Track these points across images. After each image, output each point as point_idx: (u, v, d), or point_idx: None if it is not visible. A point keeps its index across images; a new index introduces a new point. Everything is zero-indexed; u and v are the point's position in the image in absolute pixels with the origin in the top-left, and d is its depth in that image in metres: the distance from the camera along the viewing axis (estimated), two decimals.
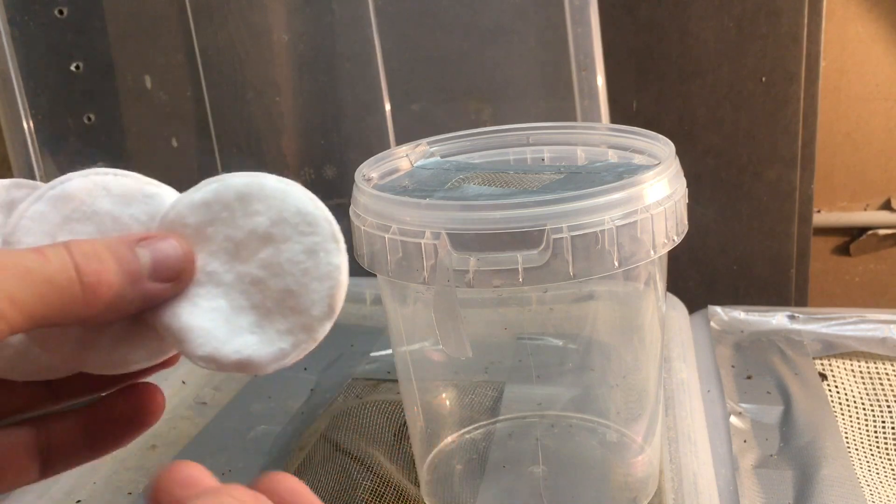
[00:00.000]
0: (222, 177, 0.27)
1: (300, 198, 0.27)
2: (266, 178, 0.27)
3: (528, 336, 0.54)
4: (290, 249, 0.27)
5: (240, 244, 0.27)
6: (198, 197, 0.27)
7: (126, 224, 0.27)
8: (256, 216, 0.27)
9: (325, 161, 0.72)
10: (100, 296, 0.24)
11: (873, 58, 0.88)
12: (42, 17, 0.69)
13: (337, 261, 0.27)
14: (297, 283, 0.26)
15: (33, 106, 0.70)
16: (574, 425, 0.52)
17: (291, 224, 0.27)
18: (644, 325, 0.48)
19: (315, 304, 0.26)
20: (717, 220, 0.79)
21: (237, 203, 0.27)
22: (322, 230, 0.27)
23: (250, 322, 0.27)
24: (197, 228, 0.27)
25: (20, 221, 0.27)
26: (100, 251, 0.25)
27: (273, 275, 0.27)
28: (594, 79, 0.66)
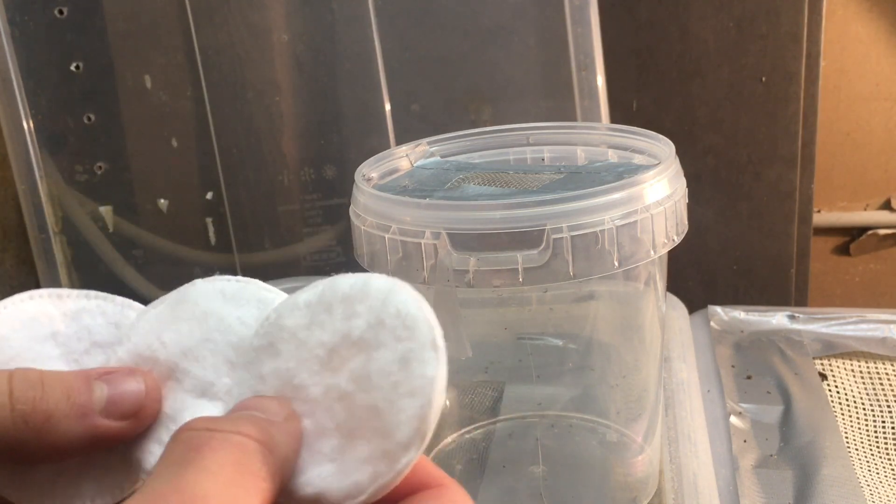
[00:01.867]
0: (334, 277, 0.24)
1: (403, 298, 0.23)
2: (375, 277, 0.24)
3: (528, 336, 0.54)
4: (381, 358, 0.22)
5: (332, 351, 0.23)
6: (302, 299, 0.24)
7: (230, 325, 0.25)
8: (355, 319, 0.23)
9: (325, 161, 0.72)
10: (34, 426, 0.22)
11: (873, 57, 0.88)
12: (42, 17, 0.69)
13: (431, 372, 0.22)
14: (385, 400, 0.22)
15: (33, 106, 0.70)
16: (574, 425, 0.52)
17: (388, 328, 0.23)
18: (644, 325, 0.48)
19: (400, 425, 0.22)
20: (717, 220, 0.79)
21: (340, 305, 0.23)
22: (420, 335, 0.22)
23: (332, 447, 0.23)
24: (293, 332, 0.24)
25: (137, 323, 0.25)
26: (47, 380, 0.23)
27: (361, 389, 0.22)
28: (594, 79, 0.66)
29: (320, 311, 0.23)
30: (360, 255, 0.42)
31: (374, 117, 0.70)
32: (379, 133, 0.70)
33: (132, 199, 0.73)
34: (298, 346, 0.23)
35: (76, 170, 0.72)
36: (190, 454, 0.20)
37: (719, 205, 0.78)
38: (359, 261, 0.43)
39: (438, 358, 0.22)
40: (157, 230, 0.73)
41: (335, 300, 0.23)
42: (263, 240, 0.73)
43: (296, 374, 0.23)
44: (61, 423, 0.22)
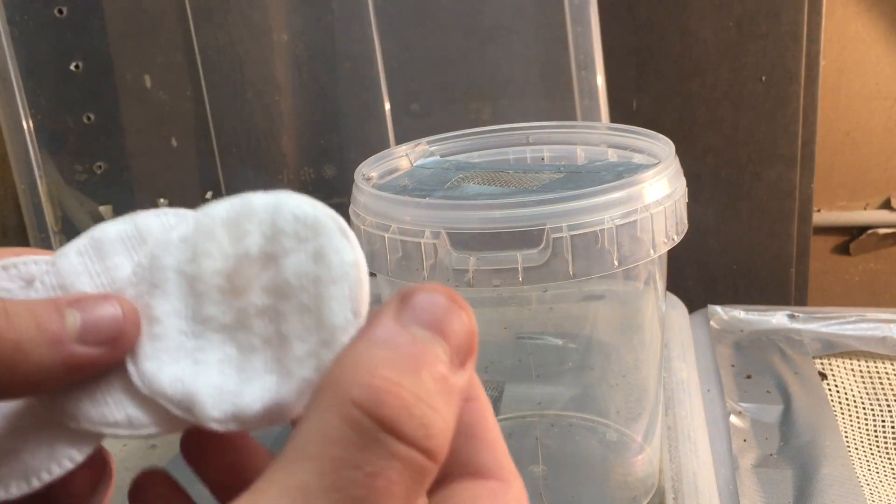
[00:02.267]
0: (205, 207, 0.23)
1: (294, 202, 0.23)
2: (253, 195, 0.23)
3: (528, 335, 0.54)
4: (293, 263, 0.22)
5: (233, 275, 0.23)
6: (175, 234, 0.23)
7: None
8: (247, 238, 0.23)
9: (324, 161, 0.72)
10: (3, 357, 0.20)
11: (873, 57, 0.88)
12: (42, 17, 0.69)
13: (350, 257, 0.22)
14: (311, 296, 0.22)
15: (33, 105, 0.70)
16: (574, 425, 0.52)
17: (289, 233, 0.22)
18: (644, 325, 0.48)
19: (334, 312, 0.22)
20: (716, 219, 0.79)
21: (222, 230, 0.23)
22: (326, 229, 0.22)
23: (266, 360, 0.22)
24: (177, 270, 0.23)
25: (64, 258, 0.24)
26: (11, 308, 0.21)
27: (281, 297, 0.22)
28: (594, 78, 0.66)
29: (202, 241, 0.23)
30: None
31: (374, 117, 0.70)
32: (379, 133, 0.70)
33: (132, 199, 0.73)
34: (190, 281, 0.23)
35: (76, 169, 0.72)
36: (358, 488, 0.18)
37: (719, 204, 0.78)
38: None
39: (352, 244, 0.22)
40: None
41: (215, 227, 0.23)
42: None
43: (201, 310, 0.23)
44: (33, 353, 0.21)
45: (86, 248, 0.24)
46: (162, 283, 0.23)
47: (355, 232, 0.42)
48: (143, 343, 0.23)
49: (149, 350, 0.23)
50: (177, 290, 0.23)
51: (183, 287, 0.23)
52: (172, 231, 0.23)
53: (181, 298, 0.23)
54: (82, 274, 0.23)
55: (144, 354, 0.23)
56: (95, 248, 0.24)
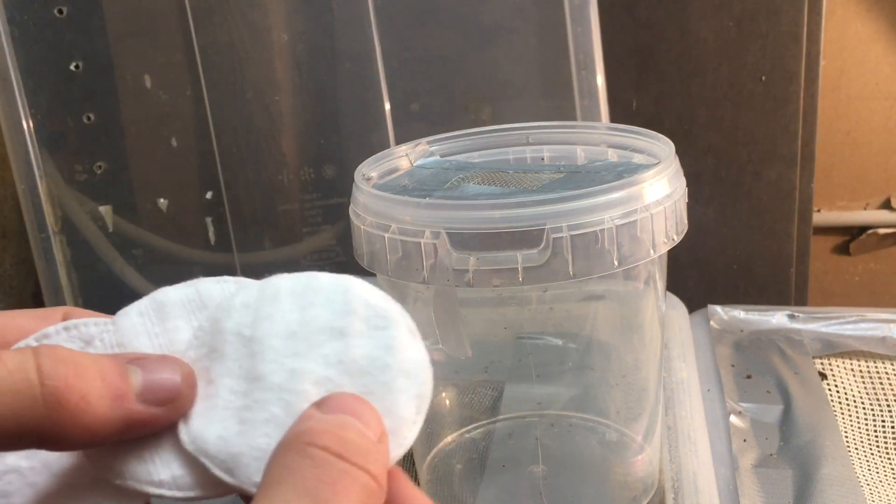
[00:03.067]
0: (268, 279, 0.24)
1: (366, 289, 0.24)
2: (320, 273, 0.24)
3: (528, 335, 0.54)
4: (364, 344, 0.23)
5: (293, 338, 0.23)
6: (237, 300, 0.24)
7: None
8: (312, 308, 0.23)
9: (324, 161, 0.72)
10: (68, 406, 0.20)
11: (873, 57, 0.88)
12: (42, 17, 0.69)
13: (421, 356, 0.23)
14: (377, 383, 0.23)
15: (33, 105, 0.70)
16: (574, 425, 0.52)
17: (362, 317, 0.23)
18: (644, 325, 0.48)
19: (402, 405, 0.23)
20: (716, 219, 0.79)
21: (287, 298, 0.24)
22: (398, 323, 0.23)
23: None
24: (236, 333, 0.23)
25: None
26: (79, 359, 0.21)
27: (343, 373, 0.23)
28: (594, 78, 0.66)
29: (264, 306, 0.23)
30: (359, 254, 0.42)
31: (373, 117, 0.70)
32: (379, 132, 0.70)
33: (132, 199, 0.73)
34: (247, 342, 0.23)
35: (76, 169, 0.72)
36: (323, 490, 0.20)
37: (719, 204, 0.78)
38: (358, 260, 0.43)
39: (419, 343, 0.24)
40: (156, 230, 0.73)
41: (279, 294, 0.24)
42: (263, 239, 0.73)
43: (251, 369, 0.23)
44: (97, 405, 0.21)
45: (147, 309, 0.24)
46: (220, 345, 0.23)
47: (355, 232, 0.42)
48: (197, 403, 0.23)
49: (199, 409, 0.23)
50: (233, 353, 0.23)
51: (239, 349, 0.23)
52: (235, 297, 0.24)
53: (236, 360, 0.23)
54: (141, 334, 0.24)
55: (195, 413, 0.23)
56: (156, 310, 0.24)
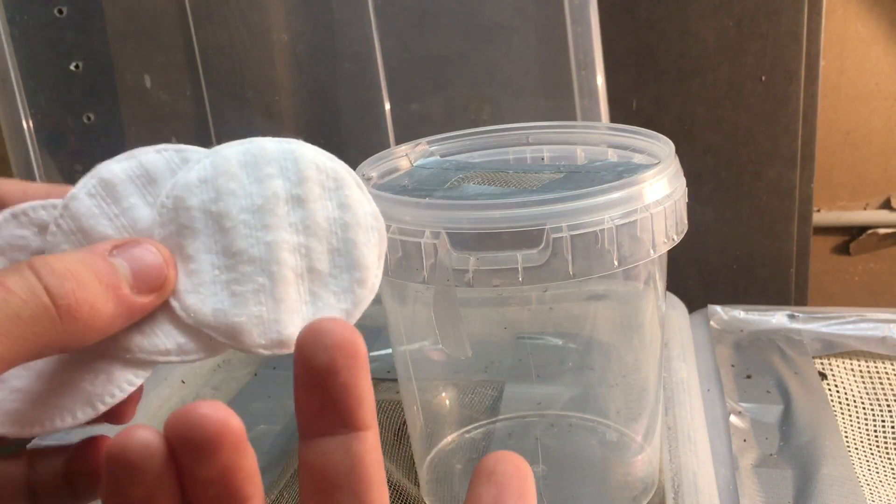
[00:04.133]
0: (212, 150, 0.25)
1: (313, 154, 0.26)
2: (263, 140, 0.26)
3: (528, 335, 0.54)
4: (322, 207, 0.25)
5: (261, 212, 0.25)
6: (193, 175, 0.24)
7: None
8: (270, 180, 0.25)
9: None
10: (81, 318, 0.21)
11: (873, 57, 0.88)
12: (42, 17, 0.69)
13: (371, 209, 0.26)
14: (340, 240, 0.25)
15: (33, 105, 0.70)
16: (574, 425, 0.52)
17: (315, 181, 0.25)
18: (644, 325, 0.48)
19: (364, 255, 0.25)
20: (716, 219, 0.79)
21: (242, 171, 0.25)
22: (347, 182, 0.26)
23: (301, 292, 0.25)
24: (203, 210, 0.24)
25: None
26: (73, 267, 0.21)
27: (312, 237, 0.25)
28: (594, 78, 0.66)
29: (224, 182, 0.24)
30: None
31: (373, 117, 0.70)
32: (379, 132, 0.70)
33: None
34: (217, 218, 0.24)
35: (76, 169, 0.72)
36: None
37: (719, 204, 0.78)
38: None
39: (368, 196, 0.26)
40: None
41: (233, 168, 0.25)
42: None
43: (229, 245, 0.24)
44: (104, 309, 0.22)
45: (96, 189, 0.25)
46: (190, 222, 0.24)
47: None
48: (181, 279, 0.24)
49: (188, 286, 0.24)
50: (205, 229, 0.24)
51: (210, 225, 0.24)
52: (190, 172, 0.25)
53: (210, 236, 0.24)
54: (100, 217, 0.24)
55: (185, 290, 0.24)
56: (106, 189, 0.25)
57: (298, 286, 0.25)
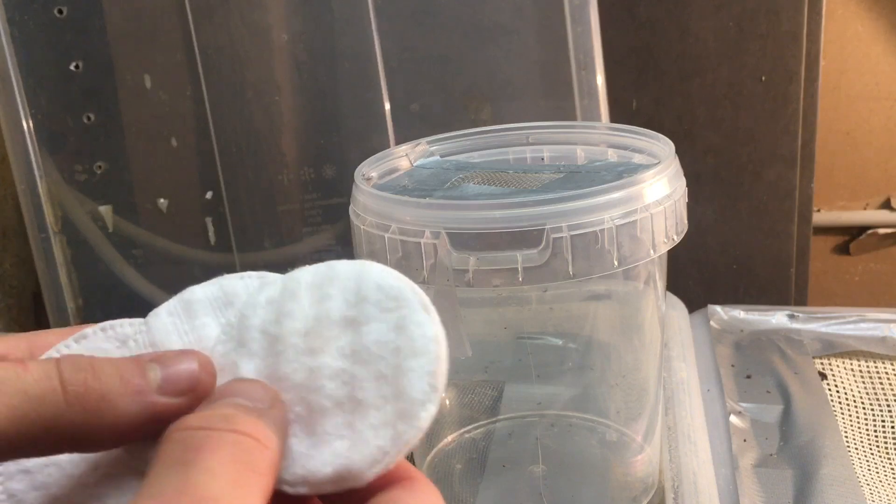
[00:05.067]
0: (292, 272, 0.25)
1: (378, 272, 0.24)
2: (337, 262, 0.24)
3: (528, 335, 0.54)
4: (373, 330, 0.23)
5: (310, 335, 0.23)
6: (263, 296, 0.24)
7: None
8: (328, 301, 0.24)
9: (324, 160, 0.72)
10: (91, 407, 0.21)
11: (873, 57, 0.88)
12: (41, 17, 0.69)
13: (431, 332, 0.23)
14: (389, 366, 0.23)
15: (33, 105, 0.70)
16: (574, 424, 0.52)
17: (372, 302, 0.23)
18: (644, 325, 0.48)
19: (413, 384, 0.23)
20: (716, 219, 0.79)
21: (305, 293, 0.24)
22: (409, 301, 0.23)
23: (337, 424, 0.23)
24: (261, 330, 0.24)
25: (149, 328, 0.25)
26: (97, 364, 0.22)
27: (357, 362, 0.23)
28: (594, 78, 0.66)
29: (286, 302, 0.24)
30: (359, 254, 0.42)
31: (373, 117, 0.70)
32: (379, 133, 0.70)
33: (132, 199, 0.73)
34: (272, 341, 0.24)
35: (76, 169, 0.72)
36: (189, 455, 0.20)
37: (719, 204, 0.78)
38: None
39: (433, 319, 0.23)
40: (156, 230, 0.73)
41: (299, 289, 0.24)
42: (263, 239, 0.73)
43: (276, 368, 0.23)
44: (117, 403, 0.22)
45: (175, 308, 0.25)
46: (248, 342, 0.24)
47: (355, 232, 0.42)
48: None
49: None
50: (261, 350, 0.24)
51: (266, 347, 0.24)
52: (261, 293, 0.24)
53: (263, 359, 0.24)
54: (172, 333, 0.25)
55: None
56: (185, 309, 0.25)
57: (335, 417, 0.23)
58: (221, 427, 0.21)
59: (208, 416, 0.22)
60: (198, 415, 0.22)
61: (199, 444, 0.20)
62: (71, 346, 0.25)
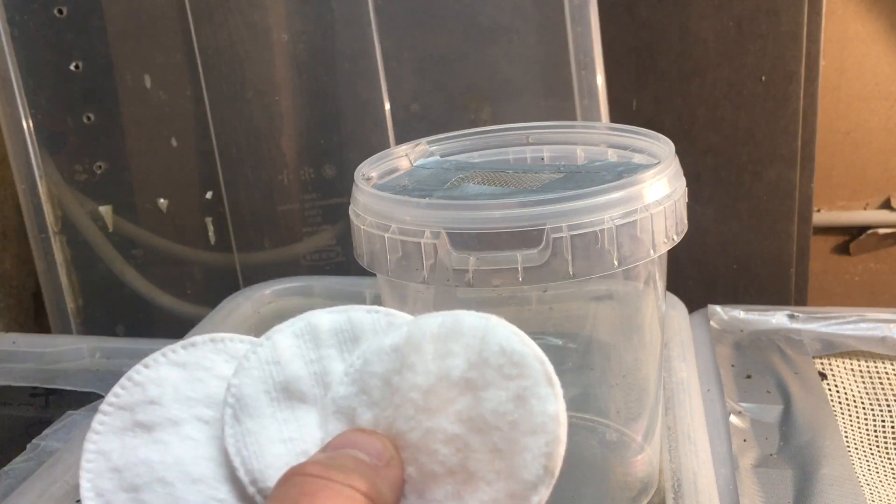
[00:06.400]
0: (418, 318, 0.24)
1: (504, 334, 0.23)
2: (464, 314, 0.23)
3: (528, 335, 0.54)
4: (493, 397, 0.22)
5: (429, 393, 0.23)
6: (388, 341, 0.23)
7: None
8: (451, 358, 0.23)
9: (324, 160, 0.72)
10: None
11: (873, 57, 0.88)
12: (41, 17, 0.69)
13: (552, 409, 0.22)
14: (504, 440, 0.22)
15: (33, 105, 0.70)
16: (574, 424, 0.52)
17: (494, 366, 0.22)
18: (644, 325, 0.48)
19: (527, 465, 0.21)
20: (716, 219, 0.79)
21: (430, 345, 0.23)
22: (532, 371, 0.22)
23: (447, 493, 0.22)
24: (384, 378, 0.23)
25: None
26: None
27: (472, 430, 0.22)
28: (594, 78, 0.66)
29: (410, 353, 0.23)
30: (359, 254, 0.42)
31: (373, 117, 0.70)
32: (378, 132, 0.70)
33: (132, 199, 0.73)
34: (392, 392, 0.23)
35: (76, 169, 0.72)
36: (304, 500, 0.20)
37: (719, 204, 0.78)
38: (358, 260, 0.43)
39: (556, 393, 0.22)
40: (156, 230, 0.73)
41: (424, 340, 0.23)
42: (263, 239, 0.73)
43: (393, 423, 0.23)
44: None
45: (303, 331, 0.25)
46: (369, 389, 0.23)
47: (355, 232, 0.42)
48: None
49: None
50: (380, 400, 0.23)
51: (387, 397, 0.23)
52: (385, 338, 0.24)
53: (382, 409, 0.23)
54: (297, 357, 0.24)
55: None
56: (311, 334, 0.25)
57: (446, 485, 0.22)
58: (339, 480, 0.21)
59: (328, 465, 0.21)
60: (318, 462, 0.22)
61: (315, 491, 0.20)
62: (178, 352, 0.25)
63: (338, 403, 0.24)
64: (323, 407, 0.24)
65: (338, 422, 0.24)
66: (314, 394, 0.24)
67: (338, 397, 0.24)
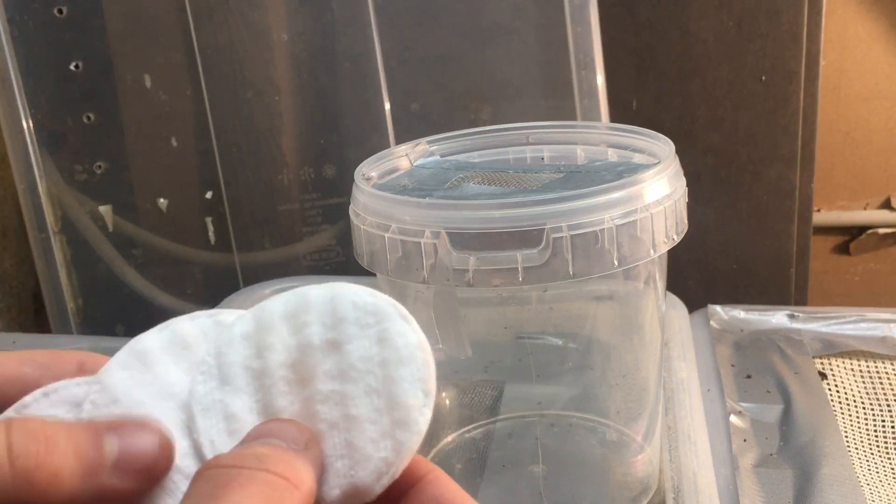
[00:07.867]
0: (260, 304, 0.24)
1: (352, 290, 0.24)
2: (306, 288, 0.24)
3: (528, 335, 0.54)
4: (357, 348, 0.23)
5: (297, 365, 0.23)
6: (236, 331, 0.24)
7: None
8: (307, 328, 0.23)
9: (324, 160, 0.72)
10: (39, 485, 0.20)
11: (873, 57, 0.88)
12: (41, 17, 0.69)
13: (415, 339, 0.23)
14: (378, 379, 0.23)
15: (33, 105, 0.70)
16: (574, 424, 0.52)
17: (351, 320, 0.23)
18: (644, 325, 0.48)
19: (406, 392, 0.23)
20: (716, 219, 0.79)
21: (281, 324, 0.24)
22: (387, 314, 0.23)
23: (335, 445, 0.23)
24: (243, 366, 0.23)
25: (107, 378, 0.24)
26: (51, 433, 0.20)
27: (346, 381, 0.23)
28: (594, 78, 0.66)
29: (264, 336, 0.23)
30: (359, 254, 0.42)
31: (373, 117, 0.70)
32: (379, 132, 0.70)
33: (132, 199, 0.73)
34: (257, 375, 0.23)
35: (76, 169, 0.72)
36: (218, 492, 0.20)
37: (719, 204, 0.78)
38: (358, 260, 0.43)
39: (414, 327, 0.23)
40: (156, 229, 0.73)
41: (274, 320, 0.24)
42: (263, 239, 0.73)
43: (269, 403, 0.23)
44: (66, 482, 0.20)
45: (129, 361, 0.24)
46: (231, 379, 0.23)
47: (355, 232, 0.42)
48: (224, 440, 0.23)
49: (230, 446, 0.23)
50: (247, 386, 0.23)
51: (252, 383, 0.23)
52: (233, 329, 0.24)
53: (251, 395, 0.23)
54: (132, 387, 0.24)
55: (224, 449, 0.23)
56: (140, 360, 0.24)
57: (332, 439, 0.23)
58: (253, 466, 0.21)
59: (241, 455, 0.21)
60: (231, 454, 0.22)
61: (229, 481, 0.20)
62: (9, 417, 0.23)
63: (202, 401, 0.23)
64: (184, 413, 0.24)
65: (208, 418, 0.23)
66: (165, 410, 0.23)
67: (200, 395, 0.23)
